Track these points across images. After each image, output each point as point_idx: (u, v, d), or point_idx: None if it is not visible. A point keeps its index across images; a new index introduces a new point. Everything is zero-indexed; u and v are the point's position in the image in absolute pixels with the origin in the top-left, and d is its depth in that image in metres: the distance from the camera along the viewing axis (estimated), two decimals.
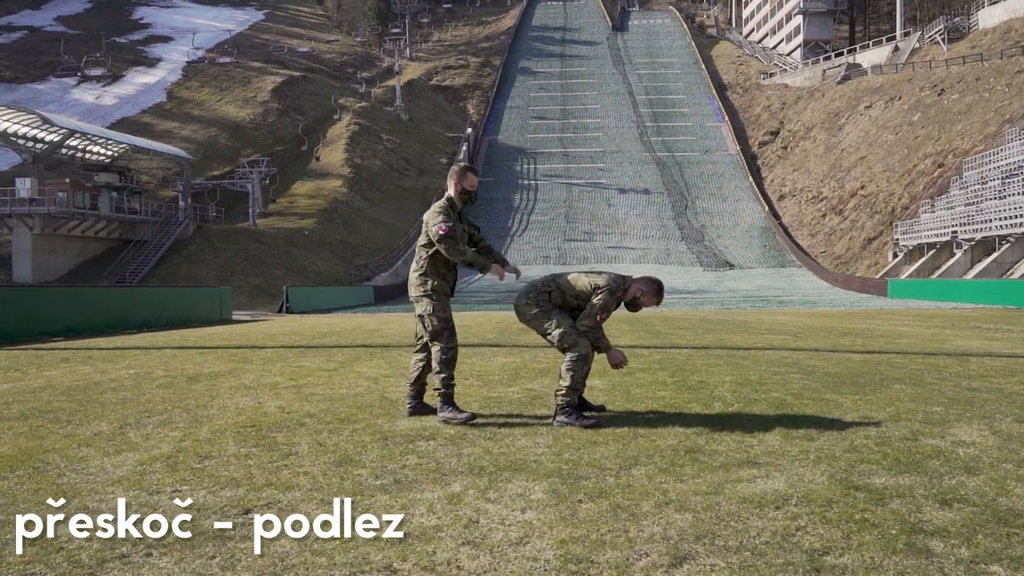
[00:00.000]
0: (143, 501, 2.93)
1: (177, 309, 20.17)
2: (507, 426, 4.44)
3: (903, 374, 6.58)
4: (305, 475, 3.33)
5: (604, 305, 4.55)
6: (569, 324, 4.53)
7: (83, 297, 17.29)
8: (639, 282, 4.67)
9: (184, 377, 7.15)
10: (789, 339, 11.12)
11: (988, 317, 19.10)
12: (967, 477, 3.09)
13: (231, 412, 5.08)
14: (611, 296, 4.56)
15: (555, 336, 4.52)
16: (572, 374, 4.46)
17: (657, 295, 4.68)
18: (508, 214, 60.27)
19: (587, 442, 3.89)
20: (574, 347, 4.50)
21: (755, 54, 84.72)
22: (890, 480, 3.04)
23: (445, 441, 4.00)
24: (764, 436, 3.95)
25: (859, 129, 60.16)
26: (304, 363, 8.35)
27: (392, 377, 6.82)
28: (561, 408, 4.45)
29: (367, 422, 4.58)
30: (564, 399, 4.45)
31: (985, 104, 50.57)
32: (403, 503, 2.89)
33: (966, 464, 3.30)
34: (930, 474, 3.13)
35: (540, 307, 4.59)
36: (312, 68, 73.31)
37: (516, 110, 75.31)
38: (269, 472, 3.40)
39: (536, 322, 4.60)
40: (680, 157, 67.40)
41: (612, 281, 4.61)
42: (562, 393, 4.46)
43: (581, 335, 4.53)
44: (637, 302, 4.66)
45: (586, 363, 4.50)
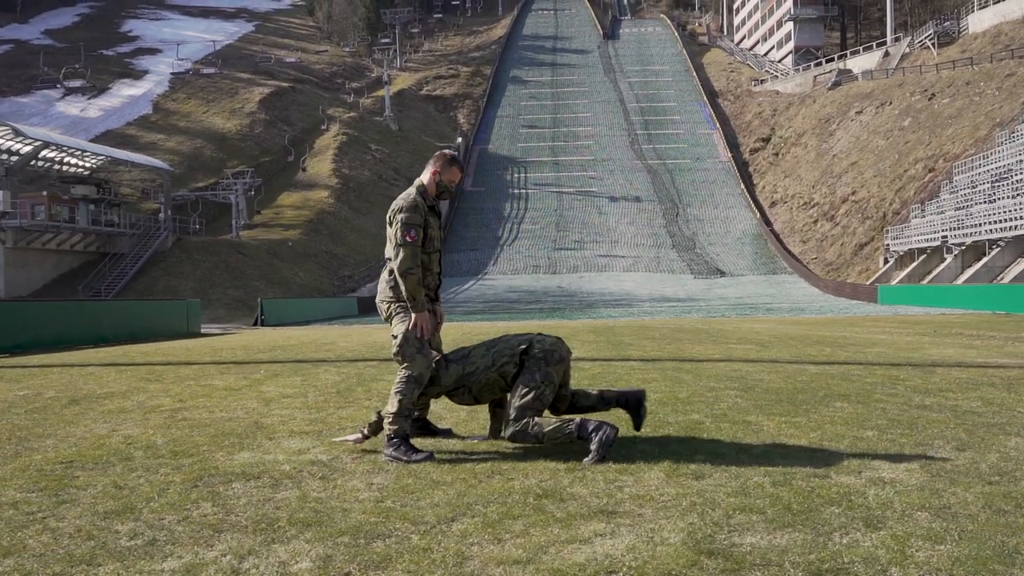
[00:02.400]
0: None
1: (141, 323, 19.51)
2: (360, 457, 3.79)
3: (852, 389, 5.93)
4: (49, 534, 2.68)
5: (405, 223, 3.80)
6: (415, 336, 3.88)
7: (36, 312, 16.62)
8: (429, 167, 4.02)
9: (67, 399, 6.49)
10: (751, 349, 10.47)
11: (974, 323, 18.48)
12: (864, 533, 2.43)
13: (68, 443, 4.43)
14: (408, 211, 3.83)
15: (396, 343, 3.87)
16: (400, 398, 3.79)
17: (452, 163, 4.01)
18: (498, 223, 59.71)
19: (429, 483, 3.23)
20: (410, 363, 3.83)
21: (746, 61, 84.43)
22: (763, 539, 2.39)
23: (268, 481, 3.35)
24: (647, 472, 3.30)
25: (850, 135, 59.70)
26: (216, 381, 7.69)
27: (289, 398, 6.16)
28: (389, 439, 3.77)
29: (203, 456, 3.92)
30: (391, 427, 3.78)
31: (975, 108, 50.11)
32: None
33: (870, 513, 2.64)
34: (818, 529, 2.48)
35: (397, 299, 3.92)
36: (300, 79, 72.88)
37: (507, 119, 74.87)
38: (14, 528, 2.76)
39: (393, 319, 3.94)
40: (671, 164, 66.92)
41: (402, 198, 3.92)
42: (389, 422, 3.79)
43: (423, 351, 3.85)
44: (444, 186, 3.98)
45: (418, 386, 3.83)
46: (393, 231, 3.87)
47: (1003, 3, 58.47)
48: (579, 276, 50.83)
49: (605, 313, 33.29)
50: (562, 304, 40.99)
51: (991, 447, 3.71)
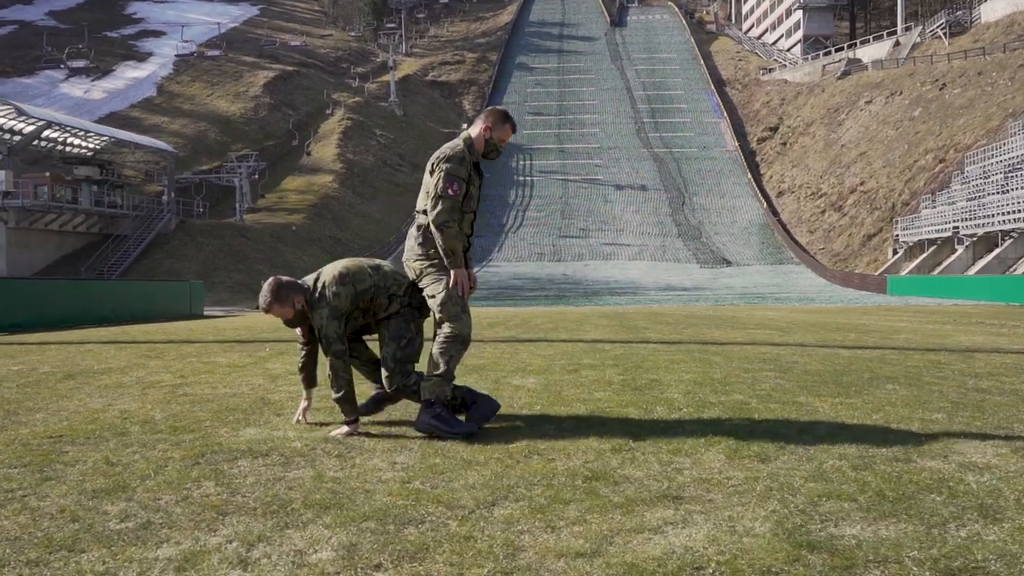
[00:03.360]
0: None
1: (143, 304, 19.17)
2: (380, 435, 3.43)
3: (897, 372, 5.55)
4: (28, 514, 2.33)
5: (449, 173, 3.44)
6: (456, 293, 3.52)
7: (37, 291, 16.28)
8: (480, 122, 3.64)
9: (63, 374, 6.14)
10: (774, 334, 10.09)
11: (991, 313, 18.08)
12: (984, 525, 2.07)
13: (59, 417, 4.08)
14: (452, 161, 3.46)
15: (438, 299, 3.50)
16: (446, 359, 3.43)
17: (506, 120, 3.64)
18: (503, 210, 59.23)
19: (460, 462, 2.87)
20: (452, 321, 3.47)
21: (754, 50, 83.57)
22: (866, 530, 2.02)
23: (278, 459, 2.99)
24: (703, 454, 2.93)
25: (859, 124, 59.04)
26: (219, 359, 7.34)
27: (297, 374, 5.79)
28: (428, 404, 3.42)
29: (205, 432, 3.57)
30: (433, 392, 3.42)
31: (987, 98, 49.45)
32: (107, 567, 1.88)
33: (981, 502, 2.28)
34: (928, 519, 2.11)
35: (428, 257, 3.55)
36: (305, 63, 72.26)
37: (512, 106, 74.05)
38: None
39: (425, 277, 3.56)
40: (678, 153, 66.32)
41: (448, 147, 3.55)
42: (429, 385, 3.43)
43: (466, 310, 3.50)
44: (493, 143, 3.62)
45: (464, 346, 3.49)
46: (434, 181, 3.50)
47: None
48: (584, 264, 50.42)
49: (611, 301, 32.92)
50: (567, 292, 40.59)
51: None
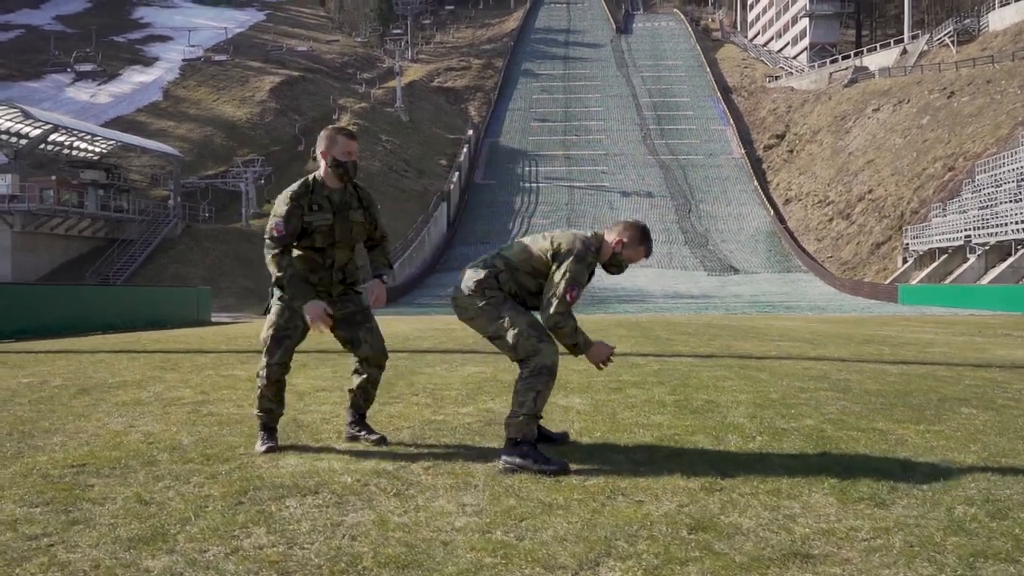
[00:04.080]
0: None
1: (151, 310, 18.88)
2: (435, 467, 3.12)
3: (963, 392, 5.23)
4: (59, 570, 2.02)
5: (573, 277, 3.19)
6: (527, 322, 3.21)
7: (44, 296, 15.99)
8: (616, 231, 3.35)
9: (76, 388, 5.84)
10: (806, 347, 9.77)
11: (1013, 324, 17.75)
12: None
13: (78, 440, 3.77)
14: (579, 263, 3.21)
15: (509, 340, 3.20)
16: (532, 395, 3.14)
17: (643, 242, 3.36)
18: (509, 217, 58.98)
19: (539, 505, 2.55)
20: (533, 356, 3.17)
21: (760, 57, 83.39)
22: None
23: (330, 498, 2.68)
24: (809, 496, 2.62)
25: (866, 132, 58.74)
26: (238, 371, 7.04)
27: (325, 392, 5.51)
28: (513, 444, 3.12)
29: (241, 462, 3.26)
30: (518, 430, 3.13)
31: (996, 106, 49.16)
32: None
33: None
34: None
35: (487, 298, 3.26)
36: (311, 68, 72.16)
37: (518, 112, 74.05)
38: (12, 560, 2.09)
39: (482, 320, 3.27)
40: (684, 160, 66.05)
41: (577, 241, 3.26)
42: (517, 421, 3.13)
43: (544, 338, 3.21)
44: (620, 260, 3.35)
45: (551, 378, 3.18)
46: (557, 277, 3.22)
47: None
48: None
49: (620, 308, 32.60)
50: None
51: None
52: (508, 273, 3.28)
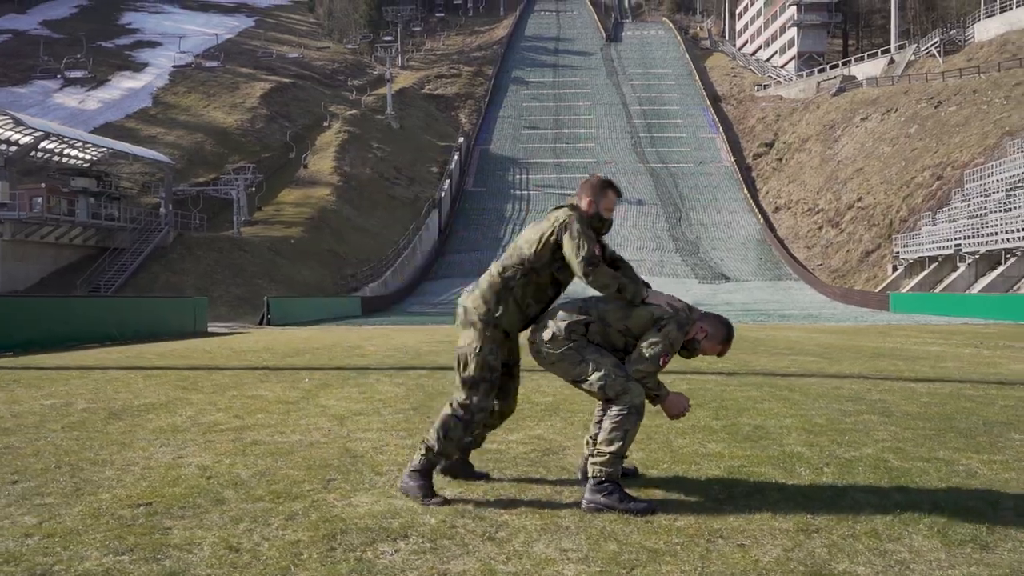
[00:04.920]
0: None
1: (147, 321, 18.70)
2: (513, 506, 3.08)
3: (1004, 415, 5.25)
4: None
5: (671, 344, 3.20)
6: (612, 364, 3.17)
7: (38, 308, 15.80)
8: (703, 320, 3.33)
9: (106, 412, 5.75)
10: (822, 362, 9.79)
11: (1010, 334, 17.90)
12: None
13: (133, 475, 3.70)
14: (679, 331, 3.22)
15: (594, 383, 3.16)
16: (620, 434, 3.10)
17: (725, 341, 3.33)
18: (500, 224, 59.02)
19: (642, 550, 2.52)
20: (623, 395, 3.13)
21: (749, 66, 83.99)
22: None
23: (422, 543, 2.63)
24: (911, 539, 2.60)
25: (855, 141, 59.23)
26: (261, 392, 6.96)
27: (363, 416, 5.44)
28: (598, 483, 3.08)
29: (312, 499, 3.20)
30: (604, 470, 3.08)
31: (983, 116, 49.71)
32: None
33: None
34: None
35: (571, 343, 3.22)
36: (302, 75, 72.01)
37: (508, 120, 74.19)
38: None
39: (564, 364, 3.21)
40: (674, 168, 66.36)
41: (679, 311, 3.26)
42: (602, 461, 3.09)
43: (631, 378, 3.17)
44: (696, 346, 3.33)
45: (639, 418, 3.15)
46: (657, 335, 3.21)
47: (1010, 12, 58.21)
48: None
49: None
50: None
51: None
52: (600, 325, 3.25)
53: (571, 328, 3.21)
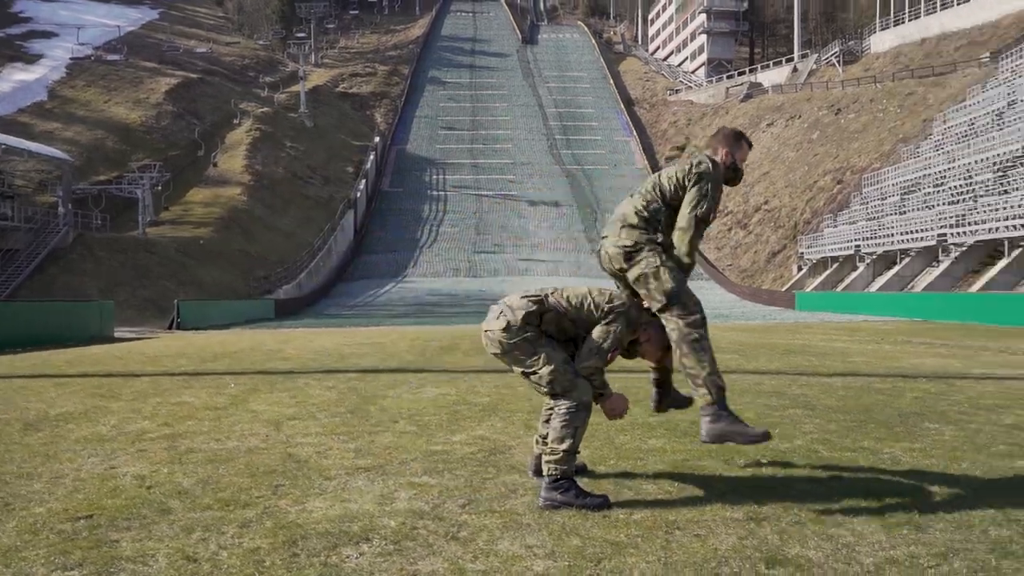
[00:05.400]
0: None
1: (47, 326, 17.75)
2: (470, 506, 3.10)
3: (915, 406, 5.60)
4: None
5: (618, 340, 3.28)
6: (562, 359, 3.23)
7: None
8: (651, 326, 3.42)
9: (20, 423, 5.45)
10: (740, 359, 10.18)
11: (907, 331, 18.98)
12: None
13: (65, 487, 3.54)
14: (628, 328, 3.31)
15: (543, 376, 3.21)
16: (571, 431, 3.16)
17: (667, 350, 3.46)
18: (417, 225, 58.70)
19: (606, 544, 2.59)
20: (571, 392, 3.20)
21: (661, 71, 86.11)
22: None
23: (385, 546, 2.63)
24: (854, 525, 2.76)
25: (761, 146, 61.52)
26: (187, 398, 6.74)
27: (299, 420, 5.34)
28: (554, 481, 3.13)
29: (265, 505, 3.14)
30: (559, 468, 3.14)
31: (879, 124, 52.48)
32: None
33: None
34: None
35: (524, 333, 3.27)
36: (210, 70, 69.67)
37: (425, 120, 73.84)
38: None
39: (516, 354, 3.26)
40: (589, 170, 67.41)
41: (630, 306, 3.34)
42: (556, 460, 3.14)
43: (579, 375, 3.24)
44: (637, 348, 3.47)
45: (588, 414, 3.22)
46: (604, 329, 3.27)
47: (902, 26, 61.63)
48: (501, 280, 50.41)
49: None
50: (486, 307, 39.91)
51: None
52: (554, 316, 3.30)
53: (527, 319, 3.25)
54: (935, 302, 27.60)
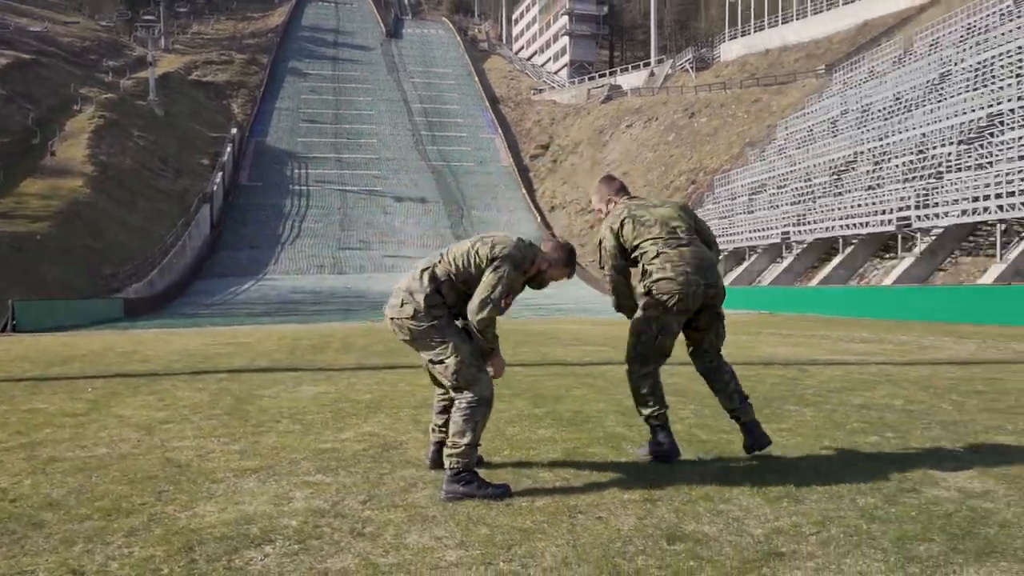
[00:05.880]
0: None
1: None
2: (371, 502, 3.07)
3: (777, 391, 6.02)
4: None
5: (509, 284, 3.24)
6: (469, 351, 3.24)
7: None
8: (541, 253, 3.44)
9: None
10: (611, 351, 10.54)
11: (758, 322, 20.29)
12: None
13: None
14: (516, 270, 3.26)
15: (449, 367, 3.21)
16: (471, 426, 3.18)
17: (568, 264, 3.48)
18: (279, 220, 56.82)
19: (511, 530, 2.64)
20: (473, 385, 3.22)
21: (525, 70, 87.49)
22: (989, 571, 2.13)
23: (290, 546, 2.56)
24: (739, 500, 2.96)
25: (621, 146, 63.91)
26: (38, 404, 6.23)
27: (172, 423, 5.07)
28: (456, 474, 3.15)
29: (151, 512, 2.98)
30: (461, 461, 3.15)
31: (729, 128, 55.73)
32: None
33: None
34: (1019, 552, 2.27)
35: (432, 316, 3.24)
36: (46, 52, 64.33)
37: (286, 112, 71.50)
38: None
39: (425, 341, 3.24)
40: (456, 167, 67.59)
41: (514, 248, 3.30)
42: (457, 453, 3.16)
43: (484, 369, 3.27)
44: (543, 277, 3.44)
45: (488, 408, 3.25)
46: (492, 280, 3.22)
47: (748, 37, 65.68)
48: (367, 277, 49.73)
49: None
50: (352, 305, 39.65)
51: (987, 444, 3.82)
52: (450, 284, 3.28)
53: (429, 301, 3.24)
54: (779, 295, 29.69)
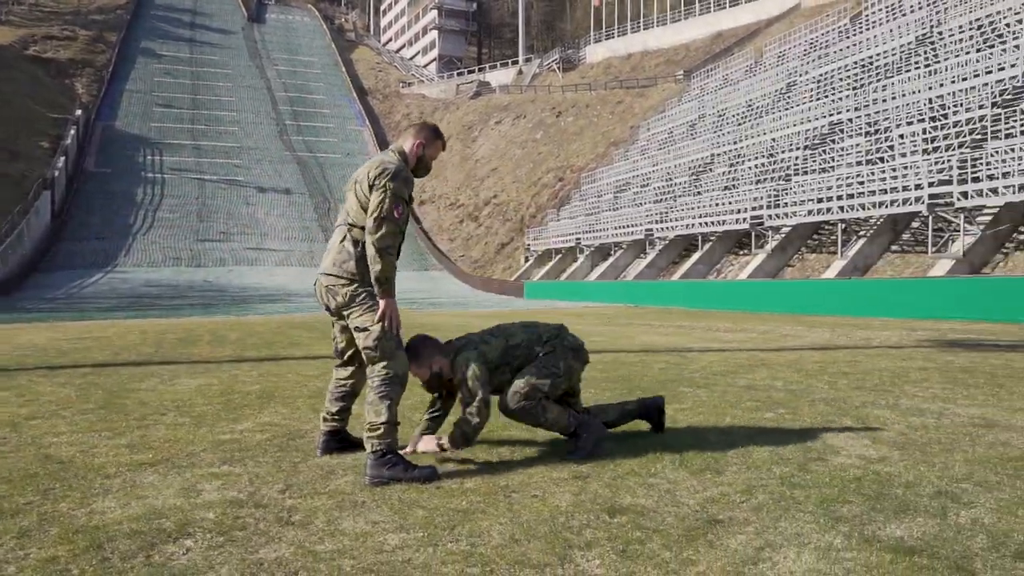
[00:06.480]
0: None
1: None
2: (291, 491, 2.91)
3: (668, 375, 6.24)
4: None
5: (395, 193, 3.10)
6: (396, 326, 3.16)
7: None
8: (411, 136, 3.34)
9: None
10: None
11: (627, 314, 21.04)
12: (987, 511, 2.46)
13: None
14: (396, 179, 3.12)
15: (372, 334, 3.11)
16: (387, 403, 3.08)
17: (438, 135, 3.39)
18: (131, 209, 53.40)
19: (449, 511, 2.57)
20: (390, 361, 3.12)
21: (394, 63, 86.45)
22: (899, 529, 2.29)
23: (213, 538, 2.38)
24: (665, 474, 3.02)
25: (491, 142, 64.41)
26: None
27: (41, 419, 4.62)
28: (379, 457, 3.03)
29: (40, 511, 2.69)
30: (382, 442, 3.04)
31: (594, 128, 57.36)
32: None
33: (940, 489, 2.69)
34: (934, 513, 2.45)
35: (367, 283, 3.15)
36: None
37: (138, 95, 67.21)
38: None
39: (356, 308, 3.15)
40: (322, 158, 65.93)
41: (389, 162, 3.18)
42: (378, 434, 3.04)
43: (402, 346, 3.18)
44: (425, 160, 3.36)
45: (402, 387, 3.16)
46: (376, 200, 3.08)
47: (612, 40, 67.83)
48: (228, 270, 47.68)
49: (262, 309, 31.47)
50: (212, 299, 37.84)
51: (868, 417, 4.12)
52: (360, 232, 3.19)
53: (359, 263, 3.17)
54: (644, 289, 30.90)
